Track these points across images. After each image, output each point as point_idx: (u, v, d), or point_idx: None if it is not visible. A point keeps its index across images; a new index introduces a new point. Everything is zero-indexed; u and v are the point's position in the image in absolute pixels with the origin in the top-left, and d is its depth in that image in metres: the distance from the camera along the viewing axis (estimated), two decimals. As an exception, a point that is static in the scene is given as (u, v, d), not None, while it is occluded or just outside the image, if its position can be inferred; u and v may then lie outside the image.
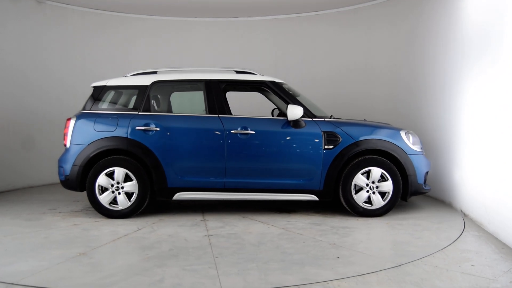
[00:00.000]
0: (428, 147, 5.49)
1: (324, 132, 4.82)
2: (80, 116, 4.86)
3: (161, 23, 7.86)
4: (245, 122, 4.84)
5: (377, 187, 4.81)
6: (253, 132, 4.78)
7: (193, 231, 4.26)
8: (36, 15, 6.91)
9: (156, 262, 3.34)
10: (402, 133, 4.92)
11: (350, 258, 3.45)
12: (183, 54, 7.85)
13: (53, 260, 3.38)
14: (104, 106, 4.94)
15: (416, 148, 4.94)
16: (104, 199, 4.72)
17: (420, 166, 4.91)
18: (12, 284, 2.77)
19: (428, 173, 5.31)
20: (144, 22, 7.80)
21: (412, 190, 4.89)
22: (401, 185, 4.83)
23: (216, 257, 3.45)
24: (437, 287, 2.87)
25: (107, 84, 5.00)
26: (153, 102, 4.98)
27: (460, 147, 5.12)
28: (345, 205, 4.86)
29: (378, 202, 4.83)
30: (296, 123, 4.80)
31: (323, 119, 4.91)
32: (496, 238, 3.97)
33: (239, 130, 4.76)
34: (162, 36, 7.87)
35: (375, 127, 5.01)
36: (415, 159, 4.88)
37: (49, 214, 4.95)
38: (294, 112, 4.70)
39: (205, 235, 4.11)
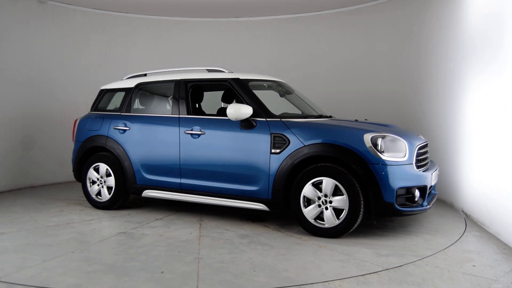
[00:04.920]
0: (430, 147, 4.77)
1: (273, 134, 4.24)
2: (83, 117, 5.55)
3: (163, 23, 7.91)
4: (199, 122, 4.67)
5: (330, 202, 3.97)
6: (204, 132, 4.58)
7: (123, 227, 4.38)
8: (37, 15, 6.89)
9: (26, 249, 3.64)
10: (367, 137, 3.90)
11: (168, 276, 3.04)
12: (185, 54, 7.84)
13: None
14: (103, 107, 5.50)
15: (389, 157, 3.85)
16: (92, 190, 5.27)
17: (388, 180, 3.79)
18: (13, 283, 2.91)
19: (428, 189, 4.08)
20: (146, 22, 7.88)
21: (377, 210, 3.84)
22: (361, 202, 3.86)
23: (71, 252, 3.55)
24: (438, 287, 2.85)
25: (105, 87, 5.56)
26: (137, 103, 5.27)
27: (462, 147, 5.01)
28: (296, 220, 4.18)
29: (330, 220, 3.97)
30: (244, 123, 4.37)
31: (278, 119, 4.32)
32: (498, 239, 3.95)
33: (191, 131, 4.64)
34: (163, 36, 7.92)
35: (333, 128, 4.13)
36: (382, 170, 3.81)
37: (68, 200, 5.77)
38: (241, 111, 4.27)
39: (121, 232, 4.19)
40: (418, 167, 4.07)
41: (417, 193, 3.97)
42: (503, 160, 3.88)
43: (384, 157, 3.83)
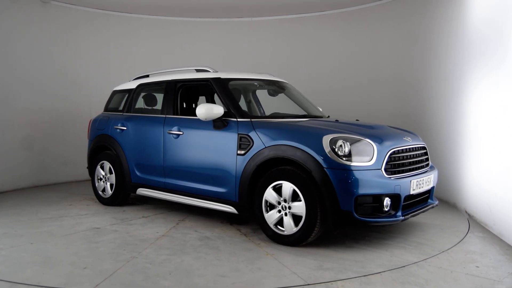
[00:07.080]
0: (433, 148, 4.81)
1: (240, 134, 4.10)
2: (95, 117, 5.87)
3: (166, 23, 7.79)
4: (179, 122, 4.67)
5: (290, 208, 3.73)
6: (182, 132, 4.58)
7: (103, 223, 4.53)
8: (40, 15, 6.82)
9: (-3, 238, 4.00)
10: (326, 139, 3.58)
11: (87, 272, 3.09)
12: (187, 54, 7.75)
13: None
14: (112, 108, 5.75)
15: (350, 161, 3.49)
16: (99, 186, 5.56)
17: (345, 186, 3.44)
18: (16, 283, 2.94)
19: (404, 199, 3.65)
20: (149, 22, 7.78)
21: (333, 219, 3.52)
22: (318, 209, 3.57)
23: (31, 244, 3.77)
24: (441, 288, 2.85)
25: (116, 89, 5.82)
26: (140, 103, 5.43)
27: (465, 148, 4.95)
28: (259, 225, 4.00)
29: (289, 226, 3.73)
30: (216, 123, 4.28)
31: (248, 120, 4.17)
32: (501, 239, 3.92)
33: (172, 131, 4.66)
34: (166, 36, 7.80)
35: (293, 128, 3.88)
36: (339, 175, 3.48)
37: (85, 195, 6.13)
38: (213, 111, 4.20)
39: (96, 228, 4.36)
40: (391, 172, 3.65)
41: (386, 202, 3.56)
42: (506, 161, 3.83)
43: (343, 161, 3.49)
